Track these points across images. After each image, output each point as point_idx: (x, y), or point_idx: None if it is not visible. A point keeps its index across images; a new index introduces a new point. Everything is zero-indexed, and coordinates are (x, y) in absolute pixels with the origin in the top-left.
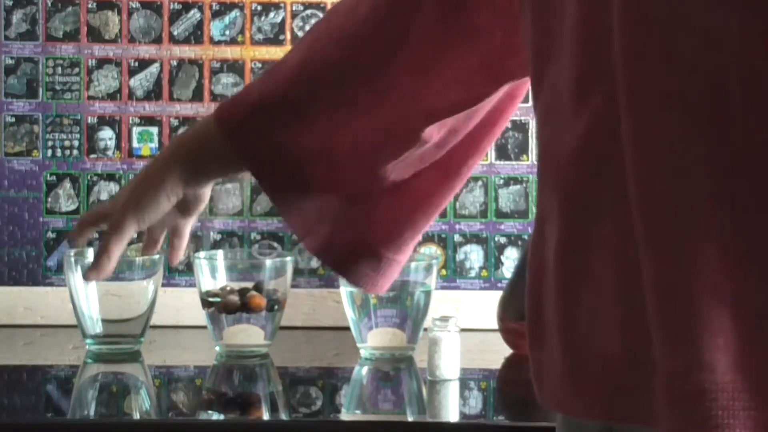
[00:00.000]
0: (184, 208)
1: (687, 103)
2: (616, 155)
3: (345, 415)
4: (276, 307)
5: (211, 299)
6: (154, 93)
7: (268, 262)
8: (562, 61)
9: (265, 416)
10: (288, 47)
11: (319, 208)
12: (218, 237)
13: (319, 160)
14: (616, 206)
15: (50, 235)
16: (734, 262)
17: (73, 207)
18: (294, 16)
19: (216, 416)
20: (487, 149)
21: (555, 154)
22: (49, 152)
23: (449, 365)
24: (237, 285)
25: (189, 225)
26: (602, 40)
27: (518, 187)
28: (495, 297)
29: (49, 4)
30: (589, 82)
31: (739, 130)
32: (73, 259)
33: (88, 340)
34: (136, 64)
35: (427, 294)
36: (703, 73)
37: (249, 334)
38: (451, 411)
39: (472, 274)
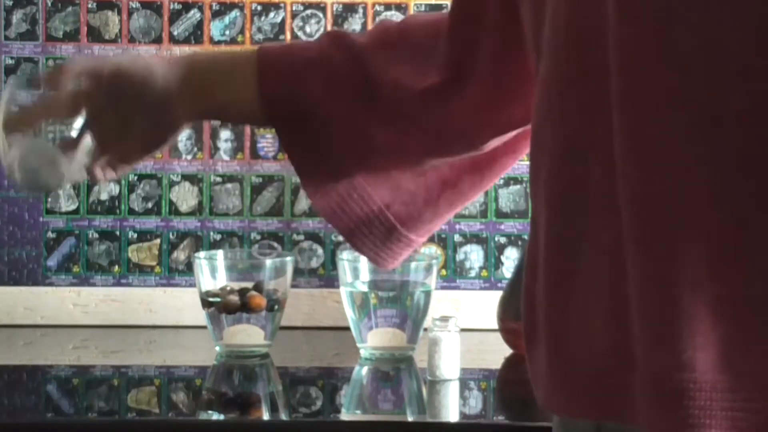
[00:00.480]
0: (153, 141)
1: (685, 102)
2: (605, 154)
3: (345, 415)
4: (276, 307)
5: (211, 299)
6: None
7: (268, 262)
8: (552, 58)
9: (265, 416)
10: None
11: (337, 173)
12: (218, 237)
13: (354, 150)
14: (604, 206)
15: (50, 235)
16: (716, 262)
17: (73, 207)
18: (294, 16)
19: (216, 416)
20: (524, 152)
21: (543, 152)
22: None
23: (449, 365)
24: (237, 285)
25: (140, 161)
26: (593, 40)
27: (518, 187)
28: (495, 297)
29: (49, 4)
30: (578, 80)
31: (736, 129)
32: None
33: None
34: None
35: (427, 294)
36: (701, 71)
37: (249, 334)
38: (451, 411)
39: (472, 274)
